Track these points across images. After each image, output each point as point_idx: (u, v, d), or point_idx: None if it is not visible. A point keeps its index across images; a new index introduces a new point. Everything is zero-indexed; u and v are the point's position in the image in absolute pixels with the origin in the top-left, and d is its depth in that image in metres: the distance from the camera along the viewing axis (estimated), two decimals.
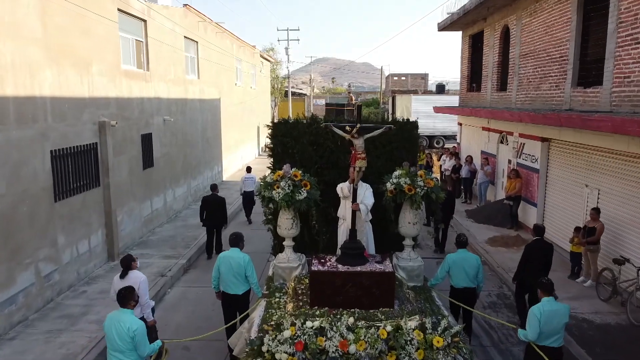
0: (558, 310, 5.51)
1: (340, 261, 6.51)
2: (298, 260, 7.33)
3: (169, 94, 14.61)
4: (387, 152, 8.06)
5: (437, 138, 35.49)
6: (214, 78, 20.06)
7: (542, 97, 12.36)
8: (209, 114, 19.26)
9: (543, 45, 12.32)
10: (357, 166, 6.71)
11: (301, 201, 6.81)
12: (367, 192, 7.30)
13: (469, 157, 16.92)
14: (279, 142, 8.21)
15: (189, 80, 16.71)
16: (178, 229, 13.60)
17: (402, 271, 7.25)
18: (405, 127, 8.19)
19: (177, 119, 15.35)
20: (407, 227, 7.23)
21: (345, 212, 7.41)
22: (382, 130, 6.79)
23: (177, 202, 15.41)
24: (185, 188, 16.26)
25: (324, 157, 8.11)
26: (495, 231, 13.46)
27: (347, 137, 6.73)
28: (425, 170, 7.28)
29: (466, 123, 19.62)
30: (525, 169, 13.51)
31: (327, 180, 7.88)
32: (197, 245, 12.17)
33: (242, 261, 6.73)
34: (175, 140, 15.32)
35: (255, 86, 29.65)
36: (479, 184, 16.05)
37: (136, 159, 12.29)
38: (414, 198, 6.89)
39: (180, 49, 15.76)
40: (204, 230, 13.27)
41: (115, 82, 11.08)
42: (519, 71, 13.93)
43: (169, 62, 14.68)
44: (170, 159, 14.82)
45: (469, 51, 19.32)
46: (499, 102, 15.61)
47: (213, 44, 19.60)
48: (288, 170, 6.95)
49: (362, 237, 7.24)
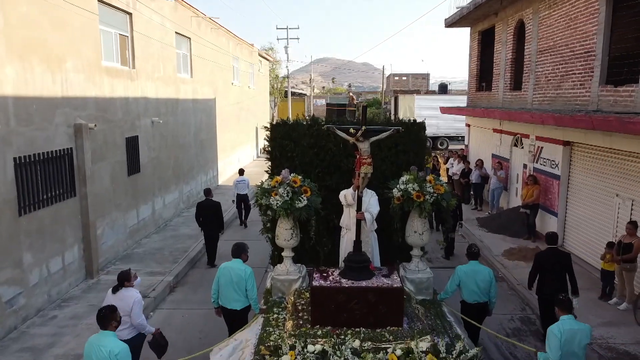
0: (579, 330, 5.12)
1: (344, 275, 6.09)
2: (298, 272, 6.88)
3: (157, 94, 13.55)
4: (392, 155, 7.61)
5: (440, 139, 34.49)
6: (209, 77, 19.00)
7: (563, 96, 11.30)
8: (203, 115, 18.20)
9: (565, 40, 11.26)
10: (362, 172, 6.22)
11: (301, 209, 6.38)
12: (372, 200, 6.88)
13: (480, 161, 15.85)
14: (277, 144, 7.71)
15: (180, 79, 15.65)
16: (167, 240, 12.53)
17: (410, 284, 6.82)
18: (413, 128, 7.71)
19: (167, 121, 14.30)
20: (415, 237, 6.80)
21: (349, 222, 6.95)
22: (389, 133, 6.32)
23: (167, 209, 14.35)
24: (176, 194, 15.20)
25: (326, 160, 7.63)
26: (511, 242, 12.39)
27: (352, 140, 6.23)
28: (434, 175, 6.84)
29: (475, 124, 18.55)
30: (543, 175, 12.45)
31: (329, 185, 7.47)
32: (187, 258, 11.11)
33: (244, 273, 6.29)
34: (165, 143, 14.26)
35: (253, 86, 28.60)
36: (491, 190, 14.98)
37: (120, 165, 11.22)
38: (423, 206, 6.46)
39: (171, 46, 14.70)
40: (195, 241, 12.37)
41: (94, 80, 10.02)
42: (536, 69, 12.87)
43: (158, 60, 13.62)
44: (160, 163, 13.77)
45: (478, 48, 18.26)
46: (512, 103, 14.55)
47: (207, 41, 18.54)
48: (287, 176, 6.50)
49: (367, 248, 6.82)
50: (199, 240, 12.41)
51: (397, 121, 8.04)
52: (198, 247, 11.94)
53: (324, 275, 6.18)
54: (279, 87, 44.49)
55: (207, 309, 8.63)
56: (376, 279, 6.03)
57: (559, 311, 5.26)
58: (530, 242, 12.26)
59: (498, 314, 8.56)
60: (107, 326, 4.72)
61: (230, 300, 6.39)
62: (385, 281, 5.97)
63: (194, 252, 11.55)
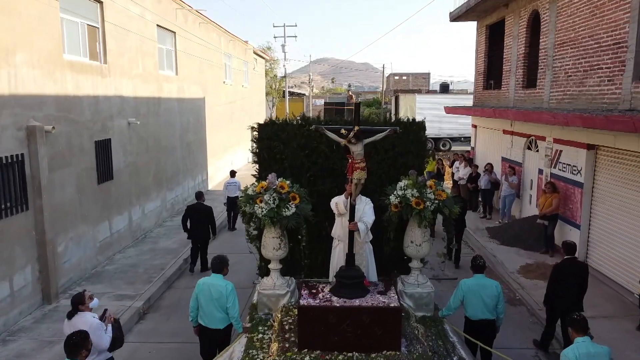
0: (597, 354, 4.61)
1: (335, 292, 5.62)
2: (286, 287, 6.37)
3: (135, 92, 12.28)
4: (390, 157, 7.09)
5: (443, 140, 33.26)
6: (197, 75, 17.73)
7: (587, 94, 10.04)
8: (190, 115, 16.93)
9: (589, 30, 9.99)
10: (355, 178, 5.74)
11: (289, 217, 5.92)
12: (366, 208, 6.26)
13: (489, 166, 14.58)
14: (265, 146, 7.17)
15: (164, 77, 14.38)
16: (143, 255, 11.25)
17: (408, 299, 6.35)
18: (411, 128, 7.19)
19: (147, 122, 13.03)
20: (414, 248, 6.30)
21: (341, 232, 6.30)
22: (385, 134, 5.84)
23: (147, 219, 13.07)
24: (158, 202, 13.92)
25: (318, 163, 7.10)
26: (527, 257, 11.12)
27: (343, 142, 5.73)
28: (435, 180, 6.33)
29: (483, 125, 17.28)
30: (562, 182, 11.18)
31: (322, 190, 6.96)
32: (163, 278, 9.83)
33: (224, 290, 5.71)
34: (146, 146, 12.99)
35: (247, 84, 27.33)
36: (502, 197, 13.71)
37: (88, 172, 9.95)
38: (423, 214, 5.95)
39: (152, 40, 13.44)
40: (174, 256, 11.13)
41: (54, 76, 8.75)
42: (554, 64, 11.60)
43: (136, 54, 12.36)
44: (138, 169, 12.49)
45: (485, 44, 17.00)
46: (525, 101, 13.28)
47: (195, 36, 17.27)
48: (273, 181, 6.01)
49: (362, 261, 6.27)
50: (179, 255, 11.16)
51: (395, 121, 7.46)
52: (177, 263, 10.68)
53: (313, 292, 5.68)
54: (278, 87, 43.26)
55: (180, 343, 7.44)
56: (371, 297, 5.55)
57: (574, 332, 4.76)
58: (549, 257, 10.99)
59: (519, 347, 7.33)
60: (76, 355, 4.23)
61: (212, 319, 5.78)
62: (380, 299, 5.49)
63: (172, 270, 10.28)
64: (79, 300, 5.16)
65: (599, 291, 9.01)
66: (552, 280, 6.86)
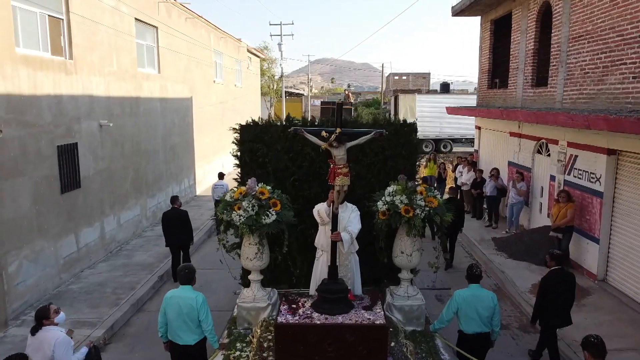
0: None
1: (317, 307, 5.39)
2: (267, 299, 6.10)
3: (109, 91, 11.21)
4: (379, 161, 6.85)
5: (444, 142, 32.25)
6: (183, 73, 16.66)
7: (608, 92, 8.96)
8: (175, 116, 15.85)
9: (610, 22, 8.92)
10: (338, 184, 5.47)
11: (269, 226, 5.67)
12: (352, 216, 5.96)
13: (495, 171, 13.49)
14: (247, 149, 6.89)
15: (143, 75, 13.31)
16: (115, 271, 10.17)
17: (398, 312, 6.07)
18: (402, 130, 6.93)
19: (123, 124, 11.95)
20: (403, 259, 6.04)
21: (324, 242, 6.00)
22: (370, 137, 5.57)
23: (123, 230, 12.00)
24: (137, 210, 12.85)
25: (303, 167, 6.85)
26: (539, 273, 9.96)
27: (324, 146, 5.45)
28: (426, 186, 6.11)
29: (487, 127, 16.20)
30: (578, 190, 10.10)
31: (307, 195, 6.72)
32: (133, 299, 8.76)
33: (195, 302, 5.22)
34: (121, 150, 11.91)
35: (240, 84, 26.25)
36: (509, 205, 12.63)
37: (48, 181, 8.88)
38: (413, 222, 5.70)
39: (130, 35, 12.37)
40: (149, 272, 10.10)
41: (3, 71, 7.68)
42: (568, 60, 10.53)
43: (110, 50, 11.28)
44: (112, 175, 11.41)
45: (490, 40, 15.92)
46: (535, 101, 12.21)
47: (181, 32, 16.19)
48: (253, 186, 5.78)
49: (346, 273, 6.00)
50: (154, 272, 10.09)
51: (385, 122, 7.09)
52: (151, 281, 9.61)
53: (293, 308, 5.40)
54: (276, 87, 42.20)
55: None
56: (355, 313, 5.29)
57: (590, 357, 4.26)
58: None
59: None
60: None
61: (181, 334, 5.31)
62: (365, 315, 5.23)
63: (144, 289, 9.21)
64: (44, 314, 4.85)
65: (625, 316, 7.95)
66: (541, 292, 6.44)
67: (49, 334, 4.79)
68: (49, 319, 4.86)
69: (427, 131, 31.73)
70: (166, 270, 10.23)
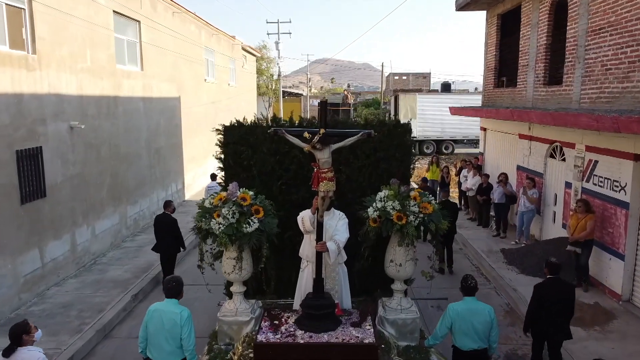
0: None
1: (301, 324, 5.14)
2: (250, 313, 5.75)
3: (81, 90, 10.22)
4: (371, 163, 6.59)
5: (445, 143, 31.32)
6: (170, 71, 15.67)
7: (634, 91, 7.97)
8: (160, 117, 14.87)
9: (637, 11, 7.93)
10: (322, 190, 5.20)
11: (250, 235, 5.32)
12: (339, 224, 5.69)
13: (503, 176, 12.49)
14: (231, 151, 6.62)
15: (123, 72, 12.32)
16: (85, 289, 9.18)
17: (390, 327, 5.75)
18: (395, 131, 6.64)
19: (98, 125, 10.96)
20: (394, 269, 5.72)
21: (309, 252, 5.73)
22: (357, 138, 5.30)
23: (99, 241, 11.00)
24: (116, 219, 11.85)
25: (291, 170, 6.58)
26: None
27: (307, 148, 5.21)
28: (420, 190, 5.81)
29: (494, 128, 15.21)
30: (599, 199, 9.11)
31: (295, 200, 6.46)
32: (98, 325, 7.74)
33: (179, 318, 4.78)
34: (96, 154, 10.91)
35: (235, 83, 25.25)
36: (519, 214, 11.62)
37: (4, 190, 7.89)
38: (406, 230, 5.38)
39: (107, 28, 11.37)
40: (122, 290, 9.16)
41: None
42: (586, 55, 9.54)
43: (83, 45, 10.29)
44: (85, 181, 10.42)
45: (496, 36, 14.95)
46: (548, 101, 11.22)
47: (167, 28, 15.20)
48: (234, 192, 5.46)
49: (334, 285, 5.74)
50: (127, 290, 9.10)
51: (377, 122, 6.74)
52: (123, 301, 8.62)
53: (275, 324, 5.22)
54: (274, 87, 41.24)
55: None
56: (342, 330, 5.08)
57: None
58: (582, 292, 8.91)
59: None
60: None
61: (160, 352, 4.86)
62: (354, 333, 5.02)
63: (114, 312, 8.21)
64: (23, 329, 4.35)
65: None
66: (535, 301, 6.02)
67: (29, 354, 4.32)
68: (29, 333, 4.40)
69: (429, 132, 30.80)
70: (142, 287, 9.25)
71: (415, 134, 30.43)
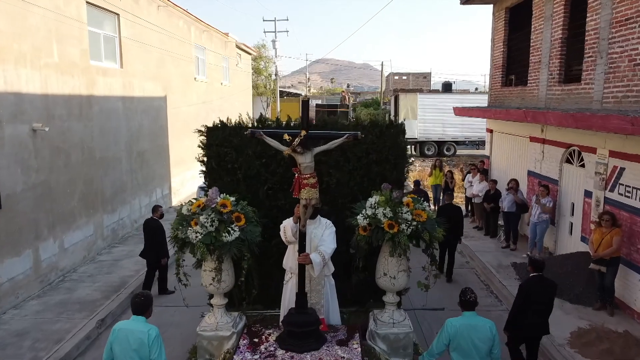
0: None
1: (282, 343, 4.89)
2: (231, 327, 5.35)
3: (46, 88, 9.19)
4: (363, 166, 6.29)
5: (447, 145, 30.30)
6: (155, 69, 14.64)
7: None
8: (144, 117, 13.84)
9: None
10: (304, 198, 4.86)
11: (231, 244, 4.97)
12: (325, 233, 5.25)
13: (514, 183, 11.45)
14: (214, 153, 6.32)
15: (99, 69, 11.28)
16: (46, 312, 8.13)
17: (382, 342, 5.35)
18: (388, 132, 6.34)
19: (68, 127, 9.94)
20: (386, 281, 5.34)
21: (293, 263, 5.32)
22: (341, 141, 4.97)
23: (68, 255, 9.96)
24: (89, 230, 10.81)
25: (278, 174, 6.26)
26: (578, 315, 8.00)
27: (287, 151, 4.87)
28: (414, 196, 5.48)
29: (501, 130, 14.18)
30: (625, 212, 8.08)
31: (282, 206, 6.13)
32: (55, 358, 6.72)
33: (146, 337, 4.30)
34: (66, 160, 9.88)
35: (228, 82, 24.23)
36: (532, 224, 10.59)
37: None
38: (398, 239, 5.00)
39: (79, 21, 10.34)
40: (89, 312, 8.16)
41: None
42: (610, 49, 8.51)
43: (49, 38, 9.27)
44: (51, 190, 9.38)
45: (504, 31, 13.94)
46: (564, 100, 10.19)
47: (151, 23, 14.17)
48: (214, 197, 5.09)
49: (319, 299, 5.35)
50: (94, 313, 8.07)
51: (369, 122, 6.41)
52: (86, 328, 7.58)
53: (254, 342, 5.01)
54: (272, 86, 40.23)
55: None
56: (327, 350, 4.79)
57: None
58: (607, 316, 7.90)
59: None
60: None
61: None
62: (339, 353, 4.75)
63: (75, 341, 7.16)
64: None
65: None
66: (521, 300, 5.85)
67: None
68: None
69: (430, 133, 29.82)
70: (110, 310, 8.21)
71: (416, 135, 29.46)
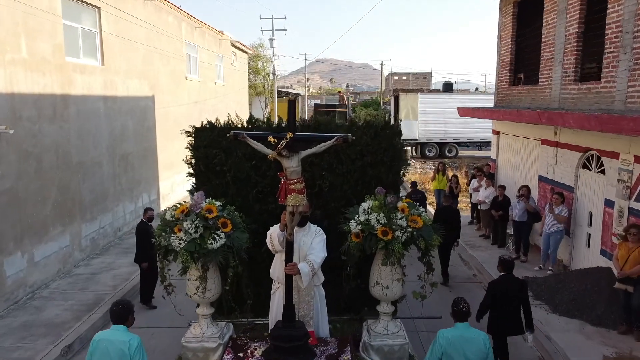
0: None
1: (269, 357, 4.75)
2: (218, 338, 5.21)
3: (11, 87, 8.34)
4: (358, 169, 6.11)
5: (449, 146, 29.47)
6: (141, 67, 13.80)
7: None
8: (128, 118, 13.00)
9: None
10: (290, 204, 4.66)
11: (216, 251, 4.82)
12: (315, 241, 5.09)
13: (525, 189, 10.60)
14: (202, 155, 6.12)
15: (76, 66, 10.44)
16: (5, 338, 7.22)
17: (375, 354, 5.23)
18: (383, 133, 6.14)
19: (39, 130, 9.09)
20: (379, 290, 5.26)
21: (280, 273, 5.14)
22: (330, 144, 4.74)
23: (40, 270, 9.12)
24: (65, 241, 9.96)
25: (268, 176, 6.05)
26: (602, 340, 7.15)
27: (272, 155, 4.65)
28: (410, 201, 5.33)
29: (509, 132, 13.34)
30: None
31: (272, 210, 5.88)
32: None
33: (127, 348, 4.12)
34: (36, 165, 9.04)
35: (222, 81, 23.39)
36: (545, 235, 9.75)
37: None
38: (392, 247, 4.89)
39: (53, 13, 9.50)
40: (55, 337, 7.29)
41: None
42: (635, 44, 7.68)
43: (15, 31, 8.42)
44: (17, 198, 8.53)
45: (512, 26, 13.11)
46: (581, 100, 9.35)
47: (137, 17, 13.33)
48: (199, 202, 4.94)
49: (308, 311, 5.24)
50: (60, 339, 7.22)
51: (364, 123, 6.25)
52: (51, 356, 6.73)
53: (239, 357, 4.86)
54: (271, 86, 39.39)
55: None
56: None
57: None
58: (635, 341, 7.06)
59: None
60: None
61: None
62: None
63: None
64: None
65: None
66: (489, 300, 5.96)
67: None
68: None
69: (431, 134, 28.99)
70: (79, 335, 7.35)
71: (417, 136, 28.64)
